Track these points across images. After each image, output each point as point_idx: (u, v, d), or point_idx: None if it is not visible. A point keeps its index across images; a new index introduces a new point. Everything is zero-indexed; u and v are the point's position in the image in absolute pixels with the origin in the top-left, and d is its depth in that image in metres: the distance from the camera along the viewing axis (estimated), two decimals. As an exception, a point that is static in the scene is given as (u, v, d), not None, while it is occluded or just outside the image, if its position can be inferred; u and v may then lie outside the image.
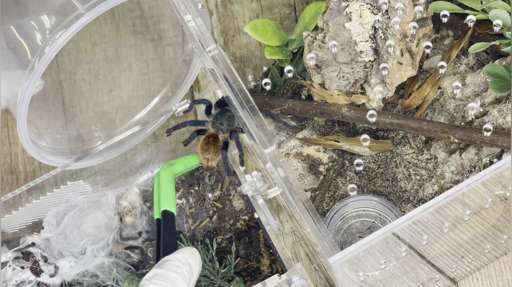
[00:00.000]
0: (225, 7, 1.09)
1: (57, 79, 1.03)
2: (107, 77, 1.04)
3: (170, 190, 0.87)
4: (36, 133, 0.92)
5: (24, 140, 0.86)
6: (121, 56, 1.04)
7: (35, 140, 0.89)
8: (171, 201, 0.86)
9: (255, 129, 0.72)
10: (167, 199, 0.86)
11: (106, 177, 0.95)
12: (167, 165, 0.89)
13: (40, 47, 0.81)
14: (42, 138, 0.92)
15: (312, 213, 0.71)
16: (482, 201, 0.75)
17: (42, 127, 0.96)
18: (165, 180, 0.87)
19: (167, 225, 0.84)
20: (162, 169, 0.88)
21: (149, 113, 1.00)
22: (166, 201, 0.86)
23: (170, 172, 0.88)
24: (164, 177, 0.87)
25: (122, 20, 1.05)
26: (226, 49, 1.06)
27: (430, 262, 0.83)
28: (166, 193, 0.87)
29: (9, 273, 0.89)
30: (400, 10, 0.86)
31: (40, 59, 0.81)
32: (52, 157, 0.92)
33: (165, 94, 1.00)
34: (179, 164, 0.89)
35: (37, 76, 0.81)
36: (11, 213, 0.92)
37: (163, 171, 0.88)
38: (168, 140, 0.97)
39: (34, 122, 0.95)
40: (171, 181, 0.87)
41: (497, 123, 0.87)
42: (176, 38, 1.05)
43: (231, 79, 0.74)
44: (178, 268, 0.76)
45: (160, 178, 0.88)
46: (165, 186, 0.87)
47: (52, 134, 0.96)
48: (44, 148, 0.91)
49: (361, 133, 0.95)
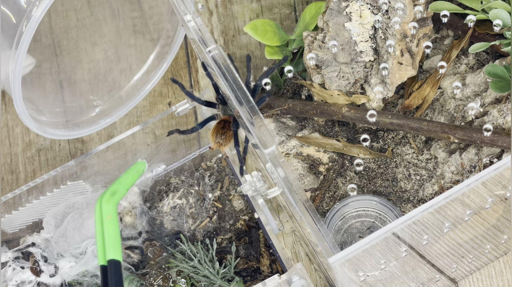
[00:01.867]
0: (225, 7, 1.09)
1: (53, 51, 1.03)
2: (107, 77, 1.04)
3: (115, 231, 0.77)
4: (35, 109, 0.92)
5: (23, 115, 0.86)
6: (121, 56, 1.04)
7: (35, 115, 0.89)
8: (117, 246, 0.77)
9: (255, 129, 0.72)
10: (113, 244, 0.77)
11: (106, 177, 0.95)
12: (108, 196, 0.79)
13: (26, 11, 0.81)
14: (42, 113, 0.93)
15: (312, 213, 0.71)
16: (482, 201, 0.75)
17: (40, 103, 0.97)
18: (109, 218, 0.77)
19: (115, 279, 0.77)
20: (104, 202, 0.78)
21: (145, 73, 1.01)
22: (113, 247, 0.77)
23: (113, 204, 0.78)
24: (107, 213, 0.78)
25: (122, 20, 1.05)
26: (226, 49, 1.06)
27: (430, 262, 0.83)
28: (111, 235, 0.77)
29: (9, 273, 0.89)
30: (400, 10, 0.86)
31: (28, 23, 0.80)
32: (54, 130, 0.92)
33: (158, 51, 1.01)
34: (121, 190, 0.81)
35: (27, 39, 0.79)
36: (11, 213, 0.92)
37: (106, 205, 0.78)
38: (168, 140, 0.97)
39: (31, 99, 0.95)
40: (115, 218, 0.78)
41: (497, 123, 0.87)
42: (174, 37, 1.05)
43: (231, 79, 0.74)
44: None
45: (103, 215, 0.78)
46: (110, 226, 0.77)
47: (51, 108, 0.97)
48: (45, 122, 0.91)
49: (361, 133, 0.95)
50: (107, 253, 0.78)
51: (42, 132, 0.90)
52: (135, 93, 1.01)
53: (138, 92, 1.01)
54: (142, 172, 0.87)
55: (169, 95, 1.05)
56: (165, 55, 1.01)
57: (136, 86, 1.01)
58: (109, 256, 0.78)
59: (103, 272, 0.78)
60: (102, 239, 0.78)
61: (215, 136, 0.87)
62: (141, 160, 0.89)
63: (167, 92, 1.06)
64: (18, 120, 1.05)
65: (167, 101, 1.05)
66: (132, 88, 1.01)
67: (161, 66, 1.01)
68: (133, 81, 1.01)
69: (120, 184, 0.82)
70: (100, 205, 0.79)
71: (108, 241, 0.78)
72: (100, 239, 0.78)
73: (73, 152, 1.04)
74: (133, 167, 0.85)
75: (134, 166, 0.85)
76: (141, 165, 0.87)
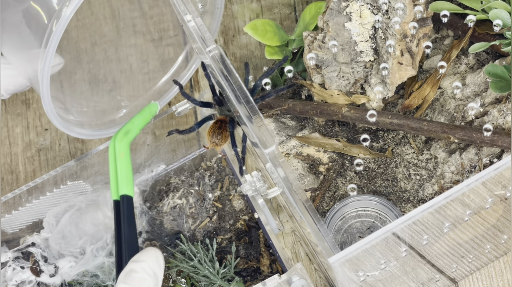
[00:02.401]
0: (225, 7, 1.09)
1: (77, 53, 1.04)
2: (107, 77, 1.04)
3: (128, 168, 0.81)
4: (62, 107, 0.93)
5: (51, 114, 0.86)
6: (121, 56, 1.04)
7: (62, 114, 0.90)
8: (129, 183, 0.80)
9: (255, 129, 0.72)
10: (126, 180, 0.80)
11: (106, 177, 0.95)
12: (122, 135, 0.82)
13: (56, 10, 0.81)
14: (70, 112, 0.93)
15: (312, 213, 0.71)
16: (482, 201, 0.75)
17: (68, 102, 0.97)
18: (122, 155, 0.80)
19: (127, 214, 0.81)
20: (118, 141, 0.81)
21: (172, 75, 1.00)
22: (125, 183, 0.80)
23: (126, 143, 0.81)
24: (121, 151, 0.81)
25: (122, 20, 1.05)
26: (226, 49, 1.06)
27: (430, 262, 0.83)
28: (124, 172, 0.80)
29: (9, 273, 0.89)
30: (400, 10, 0.86)
31: (57, 21, 0.80)
32: (80, 130, 0.92)
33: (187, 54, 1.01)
34: (133, 130, 0.83)
35: (56, 38, 0.80)
36: (11, 213, 0.92)
37: (119, 143, 0.81)
38: (168, 140, 0.97)
39: (59, 98, 0.95)
40: (128, 155, 0.81)
41: (497, 123, 0.87)
42: (176, 38, 1.05)
43: (231, 79, 0.74)
44: (144, 282, 0.75)
45: (117, 153, 0.81)
46: (123, 163, 0.80)
47: (78, 108, 0.97)
48: (72, 121, 0.92)
49: (361, 133, 0.95)
50: (120, 188, 0.81)
51: (69, 131, 0.90)
52: (161, 95, 1.00)
53: (165, 94, 1.00)
54: (154, 113, 0.88)
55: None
56: (192, 57, 1.01)
57: (162, 88, 1.01)
58: (122, 191, 0.80)
59: (116, 207, 0.81)
60: (115, 175, 0.81)
61: (211, 135, 0.87)
62: (154, 102, 0.90)
63: (167, 92, 1.06)
64: (18, 120, 1.05)
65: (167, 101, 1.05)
66: (158, 90, 1.01)
67: (188, 69, 1.00)
68: (160, 84, 1.01)
69: (133, 124, 0.84)
70: (113, 144, 0.81)
71: (121, 177, 0.80)
72: (113, 176, 0.81)
73: (73, 152, 1.04)
74: (146, 109, 0.87)
75: (147, 108, 0.87)
76: (153, 107, 0.88)
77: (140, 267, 0.76)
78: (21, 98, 1.06)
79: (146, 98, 1.00)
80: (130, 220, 0.80)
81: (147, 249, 0.78)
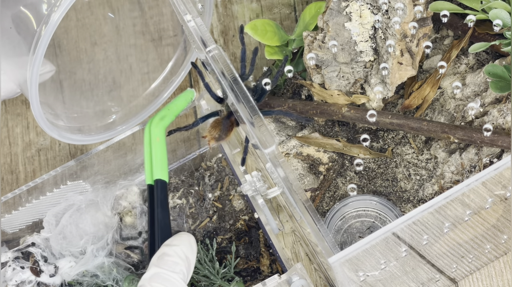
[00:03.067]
0: (225, 7, 1.09)
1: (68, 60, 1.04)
2: (107, 77, 1.04)
3: (162, 153, 0.81)
4: (52, 113, 0.93)
5: (40, 119, 0.86)
6: (121, 56, 1.04)
7: (52, 120, 0.90)
8: (164, 167, 0.80)
9: (255, 129, 0.72)
10: (161, 165, 0.80)
11: (106, 177, 0.95)
12: (158, 120, 0.81)
13: (45, 16, 0.81)
14: (59, 118, 0.93)
15: (312, 213, 0.71)
16: (482, 201, 0.75)
17: (57, 108, 0.97)
18: (157, 140, 0.80)
19: (161, 198, 0.81)
20: (153, 125, 0.81)
21: (163, 81, 1.00)
22: (160, 168, 0.80)
23: (162, 128, 0.81)
24: (156, 136, 0.80)
25: (122, 20, 1.05)
26: (226, 49, 1.06)
27: (430, 262, 0.83)
28: (159, 157, 0.81)
29: (9, 273, 0.89)
30: (400, 10, 0.86)
31: (46, 26, 0.80)
32: (70, 135, 0.92)
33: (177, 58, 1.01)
34: (169, 115, 0.83)
35: (44, 43, 0.80)
36: (11, 213, 0.92)
37: (155, 128, 0.81)
38: (168, 140, 0.97)
39: (49, 104, 0.95)
40: (163, 140, 0.81)
41: (497, 123, 0.87)
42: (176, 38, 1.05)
43: (231, 79, 0.74)
44: (177, 266, 0.76)
45: (152, 137, 0.81)
46: (158, 148, 0.80)
47: (68, 113, 0.97)
48: (62, 127, 0.92)
49: (361, 133, 0.95)
50: (154, 173, 0.80)
51: (59, 137, 0.90)
52: (152, 101, 1.00)
53: (155, 99, 1.00)
54: (190, 100, 0.88)
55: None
56: (183, 61, 1.01)
57: (153, 93, 1.01)
58: (156, 175, 0.80)
59: (149, 191, 0.81)
60: (150, 160, 0.81)
61: (214, 128, 0.86)
62: (190, 89, 0.89)
63: (167, 92, 1.06)
64: (18, 120, 1.05)
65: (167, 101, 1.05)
66: (149, 95, 1.01)
67: (178, 74, 1.00)
68: (151, 89, 1.01)
69: (169, 109, 0.84)
70: (149, 129, 0.81)
71: (155, 162, 0.80)
72: (148, 161, 0.81)
73: (73, 152, 1.04)
74: (182, 95, 0.86)
75: (183, 94, 0.86)
76: (189, 94, 0.88)
77: (173, 250, 0.76)
78: (21, 98, 1.06)
79: (136, 104, 1.00)
80: (164, 204, 0.81)
81: (180, 233, 0.78)
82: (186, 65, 1.00)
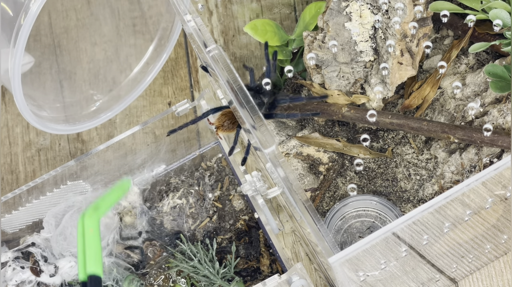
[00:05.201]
0: (225, 7, 1.09)
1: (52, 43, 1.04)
2: (107, 77, 1.04)
3: (96, 245, 0.76)
4: (35, 104, 0.93)
5: (24, 110, 0.86)
6: (121, 55, 1.04)
7: (36, 111, 0.90)
8: (97, 261, 0.76)
9: (255, 129, 0.72)
10: (94, 258, 0.75)
11: (106, 177, 0.95)
12: (91, 211, 0.77)
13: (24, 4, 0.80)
14: (42, 109, 0.93)
15: (312, 213, 0.71)
16: (482, 201, 0.75)
17: (40, 99, 0.97)
18: (91, 231, 0.76)
19: None
20: (87, 216, 0.77)
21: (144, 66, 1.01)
22: (93, 261, 0.75)
23: (96, 219, 0.77)
24: (89, 227, 0.76)
25: (122, 20, 1.05)
26: (226, 49, 1.06)
27: (430, 262, 0.83)
28: (92, 249, 0.76)
29: (9, 273, 0.89)
30: (400, 10, 0.86)
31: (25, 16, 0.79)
32: (54, 125, 0.92)
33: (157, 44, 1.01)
34: (104, 206, 0.79)
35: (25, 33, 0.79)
36: (11, 213, 0.92)
37: (88, 219, 0.76)
38: (168, 140, 0.97)
39: (32, 95, 0.95)
40: (97, 231, 0.77)
41: (497, 123, 0.87)
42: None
43: (231, 79, 0.74)
44: None
45: (85, 228, 0.77)
46: (92, 240, 0.76)
47: (51, 104, 0.97)
48: (46, 117, 0.92)
49: (361, 133, 0.95)
50: (88, 267, 0.75)
51: (43, 127, 0.90)
52: (134, 87, 1.01)
53: (137, 85, 1.01)
54: (127, 190, 0.85)
55: (169, 95, 1.05)
56: (163, 48, 1.01)
57: (135, 79, 1.01)
58: (90, 270, 0.75)
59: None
60: (83, 254, 0.76)
61: (224, 115, 0.87)
62: (126, 178, 0.88)
63: (167, 92, 1.06)
64: (18, 120, 1.05)
65: (167, 101, 1.05)
66: (131, 82, 1.01)
67: (159, 60, 1.01)
68: (132, 75, 1.01)
69: (103, 200, 0.81)
70: (82, 220, 0.77)
71: (89, 254, 0.75)
72: (81, 254, 0.76)
73: (73, 152, 1.04)
74: (118, 186, 0.84)
75: (120, 184, 0.84)
76: (126, 183, 0.85)
77: None
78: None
79: (118, 91, 1.00)
80: None
81: None
82: (166, 50, 1.01)
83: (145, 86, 1.01)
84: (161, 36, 1.01)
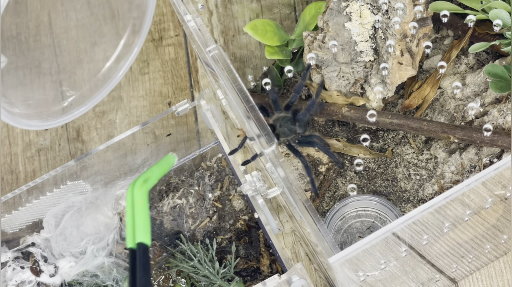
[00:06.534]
0: (225, 7, 1.09)
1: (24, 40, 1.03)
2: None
3: (145, 216, 0.78)
4: (7, 102, 0.92)
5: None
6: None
7: (8, 108, 0.89)
8: (146, 230, 0.78)
9: (255, 129, 0.72)
10: (143, 228, 0.78)
11: (106, 177, 0.95)
12: (141, 182, 0.79)
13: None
14: (14, 106, 0.93)
15: (312, 213, 0.71)
16: (482, 201, 0.75)
17: (12, 96, 0.96)
18: (140, 202, 0.78)
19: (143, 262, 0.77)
20: (136, 188, 0.79)
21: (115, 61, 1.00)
22: (142, 231, 0.78)
23: (145, 191, 0.79)
24: (139, 198, 0.79)
25: (122, 20, 1.05)
26: (226, 49, 1.06)
27: (430, 262, 0.83)
28: (142, 219, 0.78)
29: (9, 273, 0.89)
30: (400, 10, 0.86)
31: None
32: (27, 121, 0.92)
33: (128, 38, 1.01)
34: (152, 178, 0.81)
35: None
36: (11, 213, 0.92)
37: (138, 191, 0.79)
38: (168, 140, 0.97)
39: (4, 93, 0.95)
40: (146, 203, 0.79)
41: (497, 123, 0.87)
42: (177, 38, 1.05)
43: (231, 79, 0.74)
44: None
45: (135, 199, 0.79)
46: (141, 211, 0.78)
47: (23, 101, 0.97)
48: (18, 114, 0.91)
49: (361, 133, 0.95)
50: (137, 236, 0.78)
51: (17, 123, 0.90)
52: (106, 81, 1.00)
53: (108, 81, 1.00)
54: (172, 164, 0.87)
55: (169, 95, 1.05)
56: (134, 41, 1.01)
57: (108, 74, 1.01)
58: (139, 239, 0.78)
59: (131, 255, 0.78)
60: (132, 223, 0.78)
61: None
62: (172, 154, 0.89)
63: (167, 92, 1.06)
64: (18, 120, 1.05)
65: (167, 101, 1.05)
66: (103, 76, 1.01)
67: (130, 53, 1.00)
68: (104, 70, 1.01)
69: (152, 173, 0.82)
70: (132, 191, 0.79)
71: (138, 225, 0.78)
72: (130, 223, 0.78)
73: (73, 152, 1.04)
74: (164, 159, 0.86)
75: (165, 159, 0.86)
76: (171, 158, 0.87)
77: None
78: (21, 98, 1.06)
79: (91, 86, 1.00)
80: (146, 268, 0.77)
81: None
82: (138, 44, 1.00)
83: (118, 80, 1.00)
84: (131, 30, 1.01)
